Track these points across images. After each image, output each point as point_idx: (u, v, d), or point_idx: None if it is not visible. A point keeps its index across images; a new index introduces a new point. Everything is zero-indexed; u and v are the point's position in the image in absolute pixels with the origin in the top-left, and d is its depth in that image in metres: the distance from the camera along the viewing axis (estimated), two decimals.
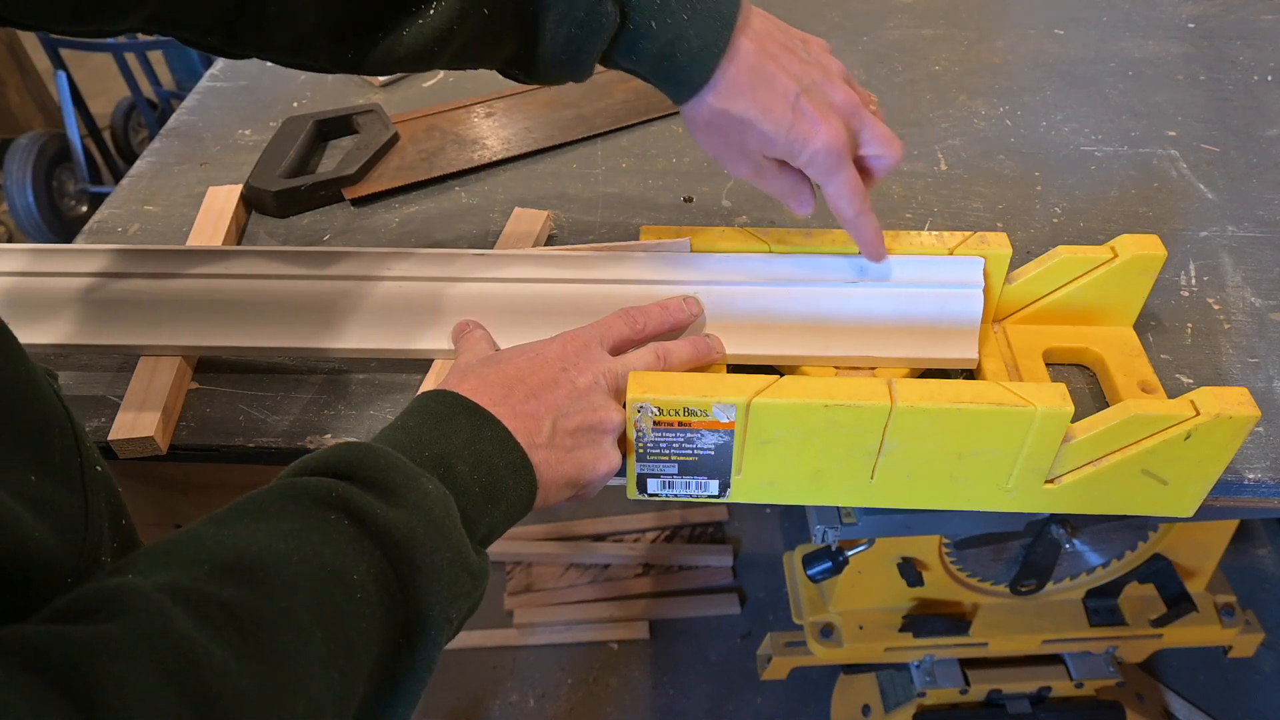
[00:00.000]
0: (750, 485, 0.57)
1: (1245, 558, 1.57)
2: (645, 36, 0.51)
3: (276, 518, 0.38)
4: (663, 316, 0.59)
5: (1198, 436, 0.53)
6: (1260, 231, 0.78)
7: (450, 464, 0.46)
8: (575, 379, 0.52)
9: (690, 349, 0.58)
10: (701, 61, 0.52)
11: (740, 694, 1.45)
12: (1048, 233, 0.78)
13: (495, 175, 0.85)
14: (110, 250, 0.65)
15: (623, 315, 0.58)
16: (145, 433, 0.58)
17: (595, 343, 0.55)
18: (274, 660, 0.32)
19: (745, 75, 0.53)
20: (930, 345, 0.61)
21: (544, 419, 0.50)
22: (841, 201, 0.57)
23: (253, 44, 0.51)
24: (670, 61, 0.52)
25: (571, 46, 0.51)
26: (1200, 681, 1.43)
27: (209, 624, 0.31)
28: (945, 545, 1.05)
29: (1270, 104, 0.94)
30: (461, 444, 0.47)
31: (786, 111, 0.53)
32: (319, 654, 0.34)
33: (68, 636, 0.28)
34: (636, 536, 1.66)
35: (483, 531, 0.46)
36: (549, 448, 0.50)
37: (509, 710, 1.45)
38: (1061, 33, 1.06)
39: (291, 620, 0.34)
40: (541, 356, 0.53)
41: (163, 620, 0.30)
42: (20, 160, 2.16)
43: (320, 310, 0.63)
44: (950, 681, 1.17)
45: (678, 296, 0.61)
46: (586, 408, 0.52)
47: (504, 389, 0.50)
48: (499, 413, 0.49)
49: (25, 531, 0.33)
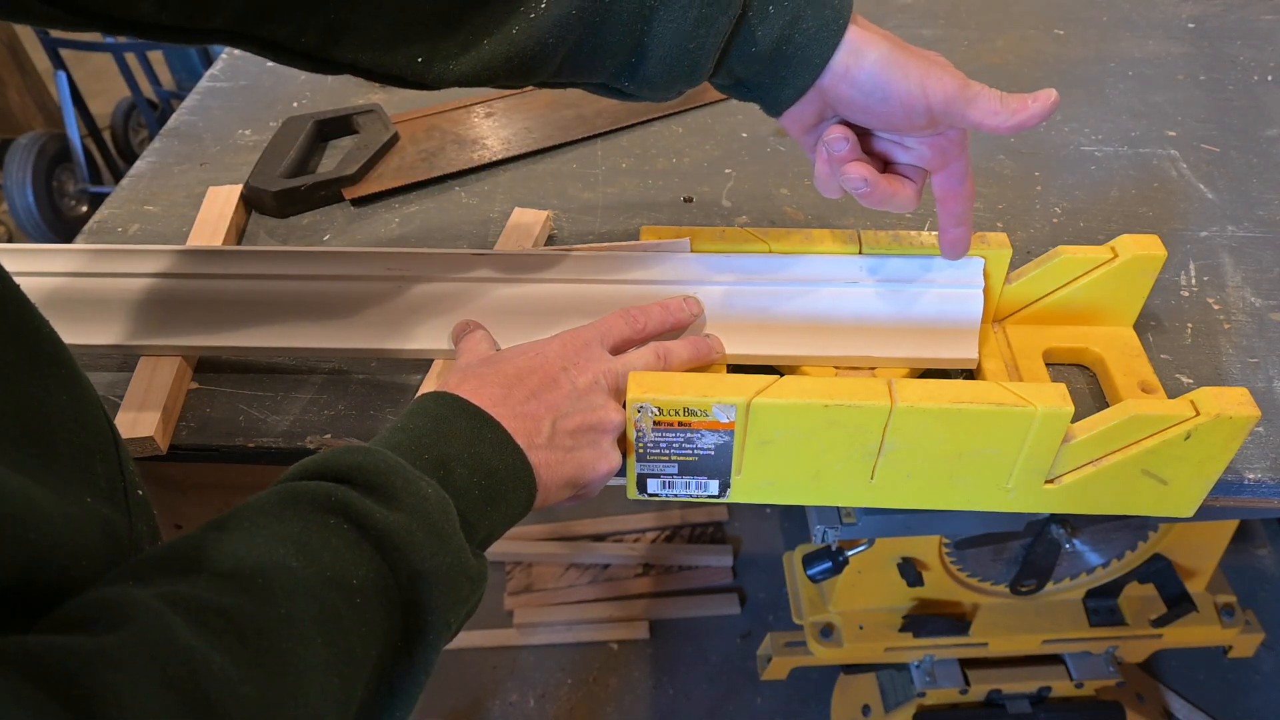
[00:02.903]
0: (750, 485, 0.57)
1: (1245, 558, 1.57)
2: (764, 20, 0.48)
3: (276, 522, 0.38)
4: (663, 316, 0.59)
5: (1198, 437, 0.53)
6: (1260, 231, 0.78)
7: (450, 467, 0.45)
8: (575, 379, 0.52)
9: (690, 349, 0.58)
10: (824, 38, 0.49)
11: (740, 694, 1.45)
12: (1048, 233, 0.78)
13: (495, 175, 0.85)
14: (110, 250, 0.65)
15: (623, 315, 0.57)
16: (145, 433, 0.58)
17: (596, 342, 0.55)
18: (274, 667, 0.32)
19: (877, 38, 0.50)
20: (930, 345, 0.61)
21: (544, 419, 0.50)
22: (966, 181, 0.55)
23: (349, 42, 0.47)
24: (789, 45, 0.49)
25: (700, 31, 0.47)
26: (1200, 681, 1.43)
27: (209, 632, 0.31)
28: (945, 545, 1.05)
29: (1270, 104, 0.94)
30: (461, 446, 0.46)
31: (940, 68, 0.50)
32: (319, 660, 0.34)
33: (68, 647, 0.28)
34: (636, 536, 1.66)
35: (482, 535, 0.46)
36: (549, 448, 0.50)
37: (509, 710, 1.45)
38: (1061, 33, 1.06)
39: (291, 627, 0.34)
40: (541, 356, 0.53)
41: (163, 629, 0.30)
42: (20, 160, 2.16)
43: (320, 310, 0.63)
44: (950, 681, 1.17)
45: (678, 296, 0.60)
46: (586, 408, 0.52)
47: (504, 389, 0.50)
48: (498, 414, 0.48)
49: (89, 544, 0.33)
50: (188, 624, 0.31)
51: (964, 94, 0.50)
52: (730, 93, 0.54)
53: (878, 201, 0.54)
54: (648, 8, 0.47)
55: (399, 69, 0.49)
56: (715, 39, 0.48)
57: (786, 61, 0.50)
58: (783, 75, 0.50)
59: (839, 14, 0.49)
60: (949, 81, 0.49)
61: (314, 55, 0.48)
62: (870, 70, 0.49)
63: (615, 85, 0.52)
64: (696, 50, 0.48)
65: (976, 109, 0.50)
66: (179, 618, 0.31)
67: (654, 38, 0.48)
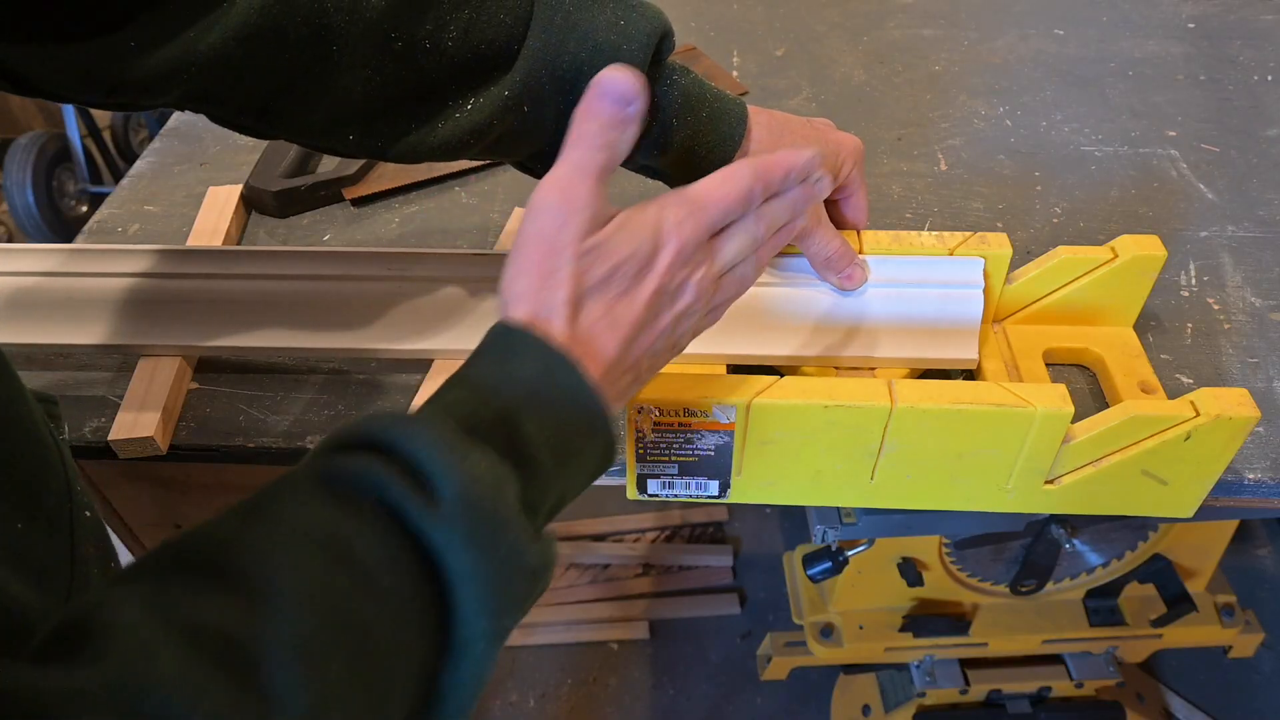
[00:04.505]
0: (750, 486, 0.57)
1: (1245, 558, 1.57)
2: (669, 133, 0.53)
3: (303, 510, 0.34)
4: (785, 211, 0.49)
5: (1198, 437, 0.53)
6: (1260, 231, 0.78)
7: (516, 422, 0.39)
8: (676, 304, 0.44)
9: None
10: (721, 152, 0.55)
11: (740, 694, 1.45)
12: (1048, 233, 0.78)
13: (495, 175, 0.85)
14: (110, 250, 0.65)
15: (747, 199, 0.45)
16: (145, 433, 0.58)
17: (707, 233, 0.45)
18: (279, 698, 0.29)
19: (770, 130, 0.56)
20: (930, 345, 0.61)
21: (632, 363, 0.43)
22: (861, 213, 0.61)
23: (285, 125, 0.50)
24: (690, 154, 0.54)
25: None
26: (1200, 681, 1.42)
27: (203, 659, 0.28)
28: (945, 545, 1.05)
29: (1270, 104, 0.94)
30: (528, 394, 0.40)
31: (816, 137, 0.57)
32: (337, 677, 0.31)
33: (38, 689, 0.26)
34: (636, 536, 1.66)
35: (551, 502, 0.41)
36: (626, 396, 0.44)
37: (509, 710, 1.45)
38: (1061, 33, 1.06)
39: (304, 647, 0.30)
40: (651, 270, 0.43)
41: (146, 663, 0.27)
42: (20, 160, 2.15)
43: (320, 310, 0.63)
44: (950, 681, 1.17)
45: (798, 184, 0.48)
46: (675, 346, 0.46)
47: (589, 320, 0.42)
48: (579, 353, 0.41)
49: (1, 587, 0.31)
50: (179, 649, 0.28)
51: (801, 241, 0.58)
52: (641, 174, 0.58)
53: None
54: (565, 116, 0.45)
55: (329, 149, 0.53)
56: None
57: (691, 164, 0.55)
58: (685, 176, 0.50)
59: (735, 130, 0.54)
60: None
61: (253, 129, 0.51)
62: None
63: (531, 167, 0.56)
64: None
65: (808, 252, 0.59)
66: (169, 643, 0.28)
67: None
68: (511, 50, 0.49)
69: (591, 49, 0.49)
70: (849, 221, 0.62)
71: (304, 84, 0.47)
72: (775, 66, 1.01)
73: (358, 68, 0.47)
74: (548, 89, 0.50)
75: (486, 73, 0.49)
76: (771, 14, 1.11)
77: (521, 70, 0.49)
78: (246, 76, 0.46)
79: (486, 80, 0.50)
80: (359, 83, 0.48)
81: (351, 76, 0.47)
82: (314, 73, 0.47)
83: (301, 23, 0.45)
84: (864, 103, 0.95)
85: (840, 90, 0.97)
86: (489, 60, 0.49)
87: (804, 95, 0.96)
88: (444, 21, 0.47)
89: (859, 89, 0.97)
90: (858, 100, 0.96)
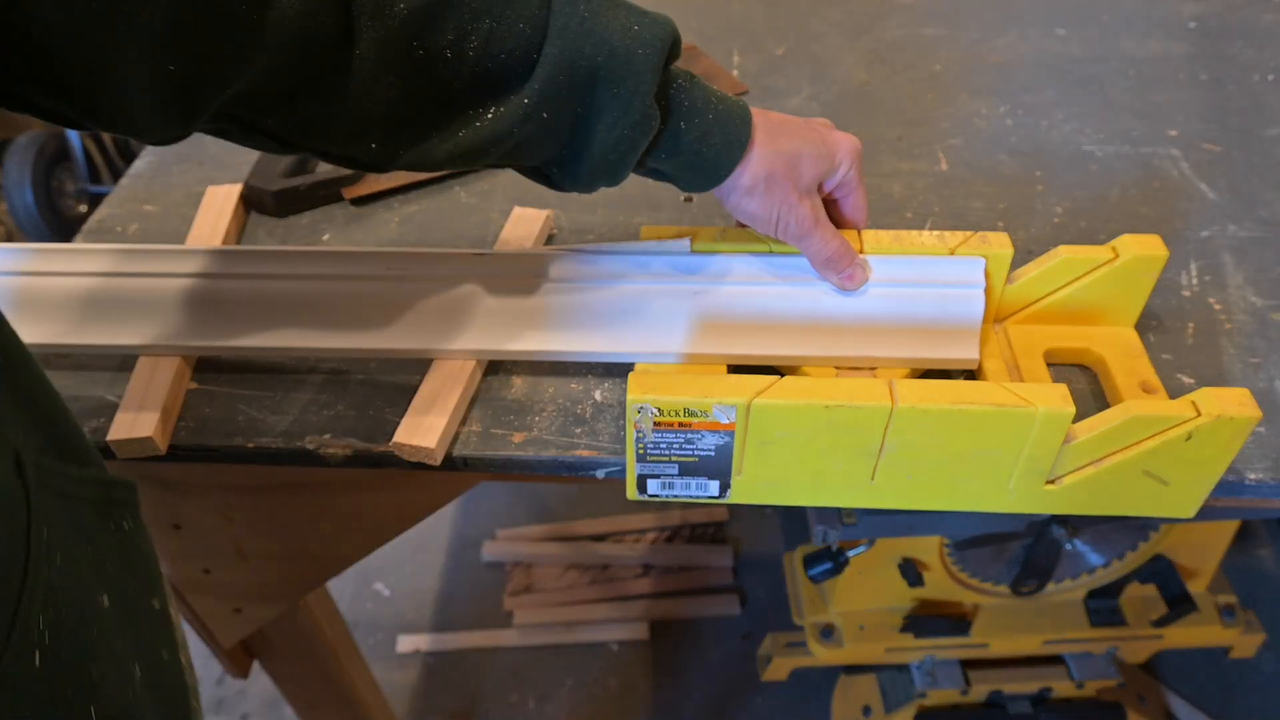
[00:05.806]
0: (751, 486, 0.57)
1: (1246, 558, 1.56)
2: (678, 136, 0.55)
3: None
4: None
5: (1199, 437, 0.53)
6: (1261, 231, 0.78)
7: None
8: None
9: None
10: (727, 156, 0.56)
11: (740, 694, 1.45)
12: (1049, 232, 0.78)
13: (495, 175, 0.85)
14: (110, 250, 0.65)
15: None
16: (144, 433, 0.58)
17: None
18: None
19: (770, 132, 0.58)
20: (931, 345, 0.61)
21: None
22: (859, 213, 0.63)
23: (311, 129, 0.50)
24: (698, 156, 0.55)
25: (621, 147, 0.52)
26: (1201, 682, 1.42)
27: None
28: (946, 546, 1.05)
29: (1272, 104, 0.94)
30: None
31: (814, 137, 0.59)
32: None
33: None
34: (636, 536, 1.66)
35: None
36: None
37: (509, 710, 1.45)
38: (1062, 32, 1.06)
39: None
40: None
41: None
42: (19, 160, 2.15)
43: (320, 310, 0.63)
44: (951, 682, 1.17)
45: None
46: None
47: None
48: None
49: None
50: None
51: (801, 242, 0.60)
52: (648, 176, 0.59)
53: None
54: (581, 121, 0.52)
55: (352, 155, 0.52)
56: (635, 154, 0.54)
57: (697, 167, 0.56)
58: (692, 178, 0.57)
59: (740, 133, 0.56)
60: (793, 225, 0.58)
61: (277, 135, 0.51)
62: (741, 193, 0.58)
63: (546, 172, 0.57)
64: (617, 161, 0.53)
65: (808, 252, 0.61)
66: None
67: (582, 150, 0.53)
68: (530, 59, 0.49)
69: (608, 53, 0.49)
70: (848, 221, 0.62)
71: (326, 89, 0.47)
72: (775, 66, 1.01)
73: (381, 75, 0.47)
74: (565, 94, 0.50)
75: (507, 81, 0.50)
76: (772, 13, 1.11)
77: (540, 77, 0.49)
78: None
79: (507, 89, 0.50)
80: (382, 89, 0.48)
81: (375, 83, 0.48)
82: (337, 79, 0.47)
83: (330, 25, 0.45)
84: (864, 102, 0.95)
85: (841, 89, 0.97)
86: (510, 69, 0.49)
87: (804, 94, 0.96)
88: (465, 31, 0.48)
89: (859, 88, 0.97)
90: (858, 99, 0.95)
